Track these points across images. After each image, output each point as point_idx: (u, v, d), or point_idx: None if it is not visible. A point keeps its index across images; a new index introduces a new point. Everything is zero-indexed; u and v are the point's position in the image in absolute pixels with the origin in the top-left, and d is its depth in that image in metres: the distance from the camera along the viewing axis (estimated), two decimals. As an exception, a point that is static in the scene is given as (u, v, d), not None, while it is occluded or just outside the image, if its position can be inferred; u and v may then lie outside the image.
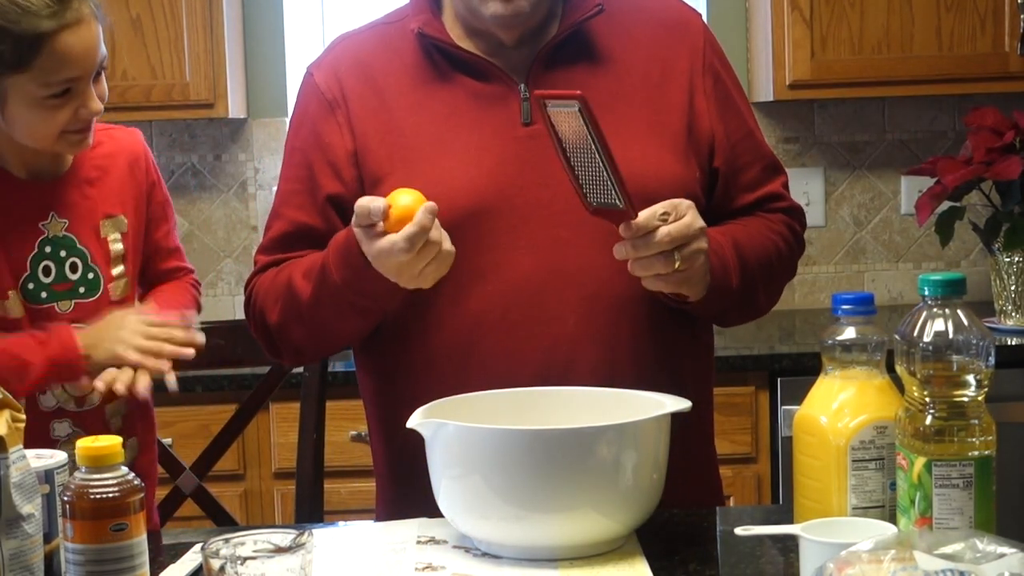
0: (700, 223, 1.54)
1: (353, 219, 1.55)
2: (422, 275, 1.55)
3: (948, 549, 1.12)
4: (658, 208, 1.50)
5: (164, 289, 2.00)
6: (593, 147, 1.43)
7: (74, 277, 1.84)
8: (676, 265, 1.51)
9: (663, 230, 1.49)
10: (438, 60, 1.71)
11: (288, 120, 1.81)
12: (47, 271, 1.83)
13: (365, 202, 1.53)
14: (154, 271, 2.00)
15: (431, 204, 1.51)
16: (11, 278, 1.81)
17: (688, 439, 1.64)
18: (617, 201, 1.47)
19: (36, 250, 1.83)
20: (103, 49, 1.78)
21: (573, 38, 1.71)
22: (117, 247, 1.88)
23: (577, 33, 1.71)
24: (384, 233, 1.52)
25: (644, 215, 1.49)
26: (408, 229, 1.50)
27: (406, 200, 1.53)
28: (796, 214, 1.81)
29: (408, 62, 1.72)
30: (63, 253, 1.84)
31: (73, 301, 1.84)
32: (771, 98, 3.23)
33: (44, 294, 1.83)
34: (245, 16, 3.52)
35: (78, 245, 1.85)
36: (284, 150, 1.81)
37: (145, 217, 1.95)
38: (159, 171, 2.01)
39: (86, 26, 1.73)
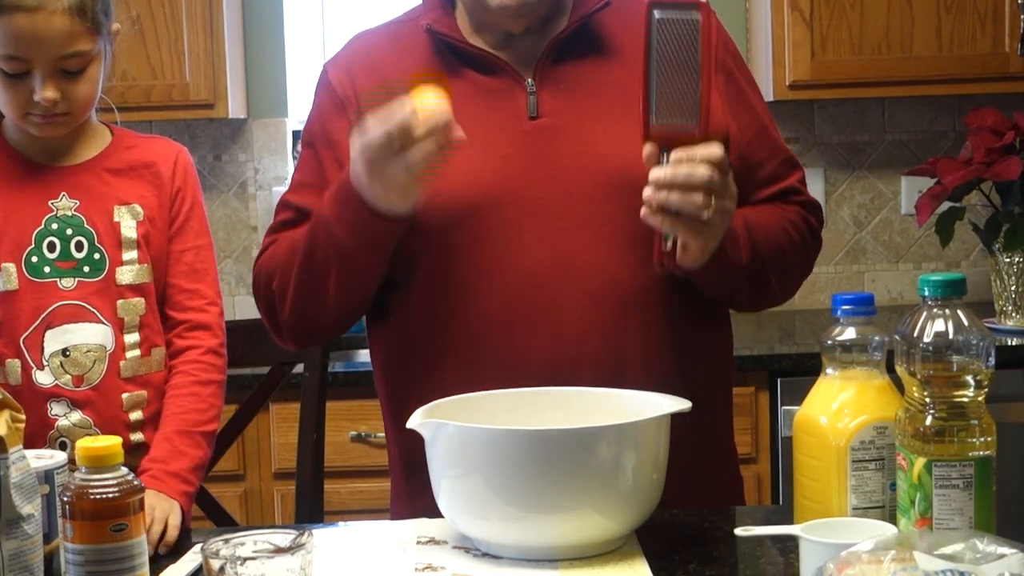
0: (735, 188, 1.54)
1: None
2: (397, 178, 1.51)
3: (948, 550, 1.12)
4: (723, 152, 1.49)
5: (174, 409, 1.89)
6: (697, 56, 1.46)
7: (79, 256, 1.85)
8: (709, 212, 1.49)
9: (707, 171, 1.48)
10: (447, 56, 1.72)
11: (288, 120, 1.83)
12: (52, 247, 1.85)
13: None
14: (169, 284, 1.92)
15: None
16: (13, 251, 1.83)
17: (703, 437, 1.64)
18: (692, 119, 1.48)
19: (42, 225, 1.86)
20: (76, 47, 1.78)
21: (582, 31, 1.71)
22: (130, 233, 1.88)
23: (586, 26, 1.71)
24: None
25: (716, 147, 1.48)
26: (386, 125, 1.48)
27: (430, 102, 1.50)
28: (813, 208, 1.79)
29: (418, 58, 1.73)
30: (69, 231, 1.86)
31: (76, 279, 1.84)
32: (771, 98, 3.22)
33: (47, 269, 1.84)
34: (245, 16, 3.52)
35: (85, 225, 1.87)
36: (300, 142, 1.83)
37: (168, 215, 1.94)
38: (197, 187, 1.97)
39: (47, 15, 1.75)
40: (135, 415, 1.89)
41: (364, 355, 3.28)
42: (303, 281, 1.68)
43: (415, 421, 1.46)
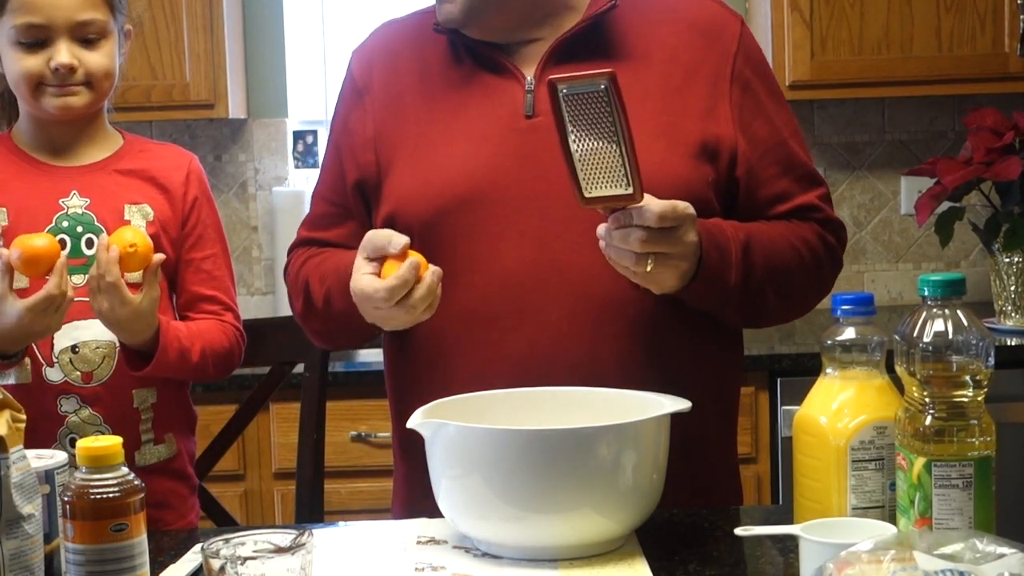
0: (690, 238, 1.51)
1: (360, 247, 1.60)
2: (396, 322, 1.60)
3: (948, 549, 1.12)
4: (663, 211, 1.47)
5: (200, 321, 1.96)
6: (613, 127, 1.42)
7: (89, 253, 1.86)
8: (647, 269, 1.49)
9: (642, 234, 1.47)
10: (459, 50, 1.73)
11: (288, 120, 1.81)
12: (62, 245, 1.86)
13: (383, 236, 1.57)
14: (189, 291, 1.97)
15: (415, 259, 1.54)
16: None
17: (692, 447, 1.63)
18: (624, 186, 1.45)
19: (53, 224, 1.88)
20: (92, 13, 1.84)
21: (590, 33, 1.70)
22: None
23: (595, 28, 1.70)
24: (376, 273, 1.57)
25: (651, 212, 1.46)
26: (390, 281, 1.54)
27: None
28: (832, 227, 1.74)
29: (432, 50, 1.75)
30: (80, 229, 1.88)
31: (86, 276, 1.85)
32: (771, 98, 3.23)
33: None
34: (245, 16, 3.52)
35: (95, 223, 1.89)
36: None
37: (181, 222, 1.96)
38: (210, 194, 2.01)
39: None
40: (145, 412, 1.90)
41: (364, 355, 3.28)
42: (327, 330, 1.78)
43: (415, 421, 1.46)
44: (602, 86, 1.41)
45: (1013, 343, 2.98)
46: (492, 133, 1.68)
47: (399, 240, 1.55)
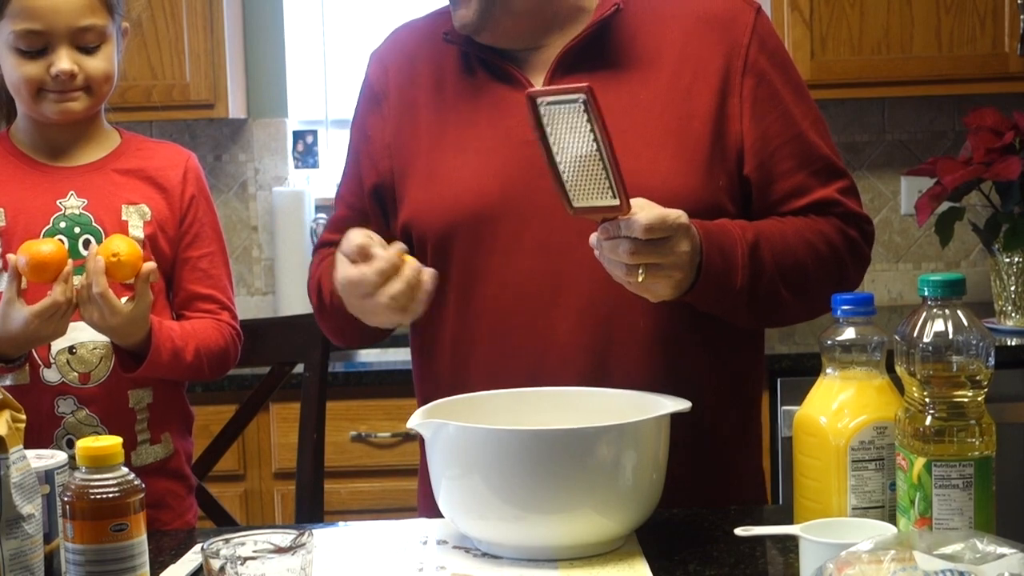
0: (682, 248, 1.48)
1: (340, 244, 1.59)
2: (377, 318, 1.58)
3: (948, 549, 1.12)
4: (650, 223, 1.44)
5: (195, 320, 1.95)
6: (593, 140, 1.40)
7: (87, 254, 1.86)
8: (639, 279, 1.47)
9: (630, 246, 1.44)
10: (471, 58, 1.72)
11: (288, 120, 1.80)
12: None
13: (359, 238, 1.57)
14: (185, 290, 1.96)
15: (401, 245, 1.56)
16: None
17: (699, 457, 1.63)
18: (610, 197, 1.43)
19: (50, 224, 1.88)
20: (92, 19, 1.84)
21: (596, 38, 1.67)
22: (136, 232, 1.90)
23: (601, 33, 1.67)
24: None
25: (638, 224, 1.44)
26: (378, 263, 1.53)
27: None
28: (854, 220, 1.68)
29: (447, 58, 1.74)
30: (77, 230, 1.88)
31: (78, 285, 1.85)
32: (771, 98, 3.22)
33: None
34: (245, 16, 3.52)
35: (93, 223, 1.89)
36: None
37: (178, 221, 1.96)
38: (207, 192, 2.01)
39: None
40: (141, 412, 1.90)
41: (364, 355, 3.28)
42: (334, 326, 1.79)
43: (415, 421, 1.46)
44: (579, 101, 1.39)
45: (1013, 343, 2.97)
46: (502, 146, 1.67)
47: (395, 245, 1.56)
